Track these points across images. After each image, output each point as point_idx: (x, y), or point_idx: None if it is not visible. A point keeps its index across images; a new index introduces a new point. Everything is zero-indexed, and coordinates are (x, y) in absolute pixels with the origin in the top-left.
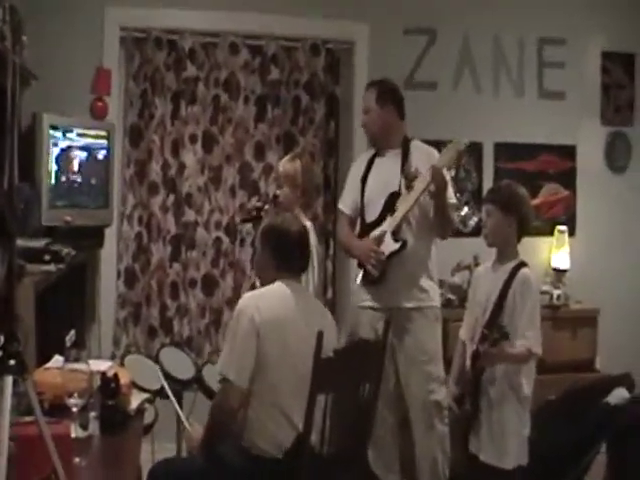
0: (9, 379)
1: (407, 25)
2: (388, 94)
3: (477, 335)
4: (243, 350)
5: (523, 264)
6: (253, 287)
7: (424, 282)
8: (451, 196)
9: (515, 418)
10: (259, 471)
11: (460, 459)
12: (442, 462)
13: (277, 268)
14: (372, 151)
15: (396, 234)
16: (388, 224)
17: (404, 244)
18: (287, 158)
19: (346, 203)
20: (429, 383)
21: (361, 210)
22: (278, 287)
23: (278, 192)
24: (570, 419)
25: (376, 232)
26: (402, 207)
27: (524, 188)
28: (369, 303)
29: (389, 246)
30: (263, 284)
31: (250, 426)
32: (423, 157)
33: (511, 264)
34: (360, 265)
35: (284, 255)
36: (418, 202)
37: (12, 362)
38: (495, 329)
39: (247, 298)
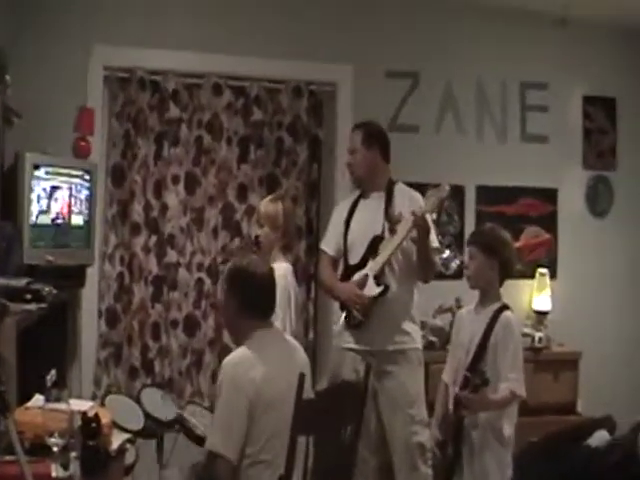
0: None
1: (390, 68)
2: (375, 136)
3: (460, 378)
4: (235, 425)
5: (505, 307)
6: (223, 351)
7: (406, 325)
8: (434, 240)
9: (497, 463)
10: None
11: None
12: None
13: (243, 313)
14: (357, 193)
15: (378, 278)
16: (370, 268)
17: (386, 288)
18: (269, 199)
19: (329, 244)
20: (412, 425)
21: (344, 252)
22: (257, 344)
23: (259, 232)
24: (552, 462)
25: (358, 275)
26: (385, 251)
27: (507, 231)
28: (351, 345)
29: (371, 290)
30: (229, 329)
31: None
32: (407, 201)
33: (493, 307)
34: (343, 308)
35: (250, 300)
36: (401, 246)
37: None
38: (477, 375)
39: (232, 369)
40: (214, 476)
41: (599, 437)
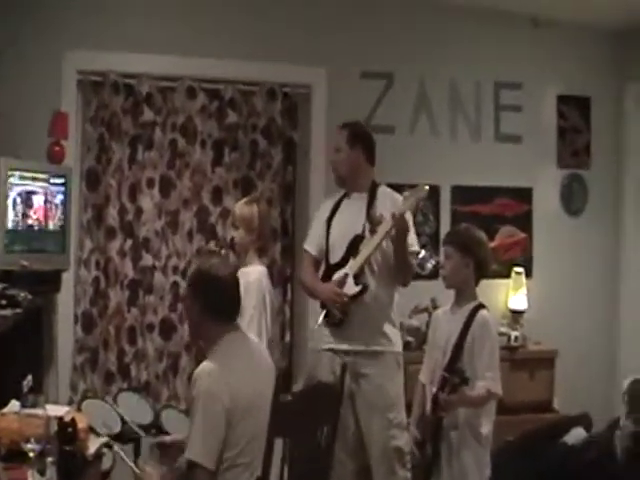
0: None
1: (364, 69)
2: (359, 137)
3: (437, 378)
4: (213, 433)
5: (481, 306)
6: (199, 353)
7: (386, 328)
8: (413, 243)
9: (476, 462)
10: None
11: None
12: None
13: (209, 317)
14: (340, 193)
15: (358, 277)
16: (350, 267)
17: (365, 288)
18: (244, 201)
19: (311, 244)
20: (390, 429)
21: (326, 251)
22: (226, 351)
23: (234, 234)
24: (528, 459)
25: (338, 275)
26: (364, 250)
27: (482, 231)
28: (330, 345)
29: (350, 289)
30: (195, 335)
31: None
32: (388, 203)
33: (469, 306)
34: (323, 306)
35: (214, 303)
36: (381, 247)
37: None
38: (456, 374)
39: (206, 378)
40: None
41: (575, 435)
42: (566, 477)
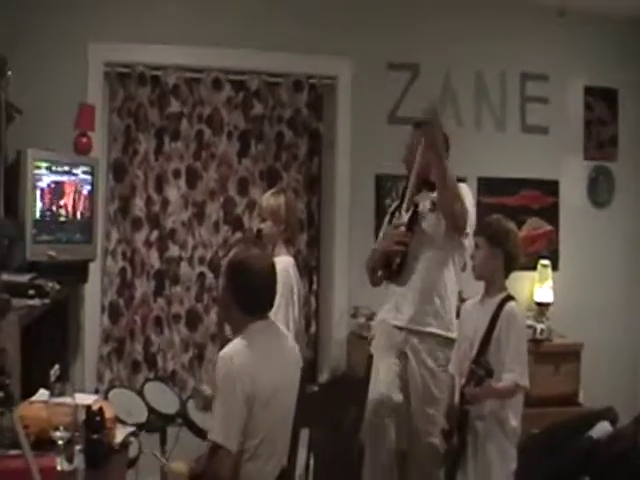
0: None
1: (390, 60)
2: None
3: (465, 370)
4: (234, 416)
5: (510, 298)
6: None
7: (438, 308)
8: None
9: (501, 454)
10: None
11: None
12: None
13: (242, 307)
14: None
15: (409, 208)
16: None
17: (415, 211)
18: (271, 192)
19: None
20: (427, 424)
21: None
22: (252, 337)
23: (262, 226)
24: (553, 453)
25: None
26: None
27: (513, 223)
28: (389, 320)
29: (405, 218)
30: (227, 322)
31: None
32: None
33: (498, 298)
34: (384, 262)
35: (248, 294)
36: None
37: None
38: (481, 366)
39: (228, 362)
40: (216, 468)
41: (601, 428)
42: (591, 471)
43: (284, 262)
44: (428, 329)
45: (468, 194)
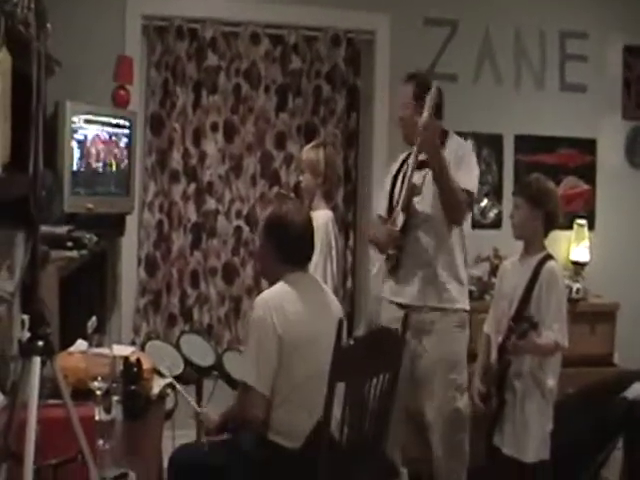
0: (37, 360)
1: (428, 15)
2: (426, 91)
3: (503, 328)
4: (266, 359)
5: (549, 257)
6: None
7: (447, 281)
8: (466, 182)
9: (538, 414)
10: (279, 461)
11: (484, 452)
12: (457, 471)
13: (280, 261)
14: (404, 154)
15: (404, 208)
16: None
17: (409, 213)
18: (310, 146)
19: (379, 206)
20: (450, 390)
21: (390, 209)
22: (291, 283)
23: (300, 178)
24: (587, 413)
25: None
26: (406, 180)
27: (552, 183)
28: (392, 298)
29: (400, 220)
30: (265, 276)
31: (272, 424)
32: (454, 146)
33: (537, 257)
34: (386, 258)
35: (287, 248)
36: (431, 190)
37: (40, 343)
38: (524, 320)
39: (263, 304)
40: (247, 409)
41: (636, 389)
42: (626, 432)
43: (323, 216)
44: (436, 304)
45: (470, 154)
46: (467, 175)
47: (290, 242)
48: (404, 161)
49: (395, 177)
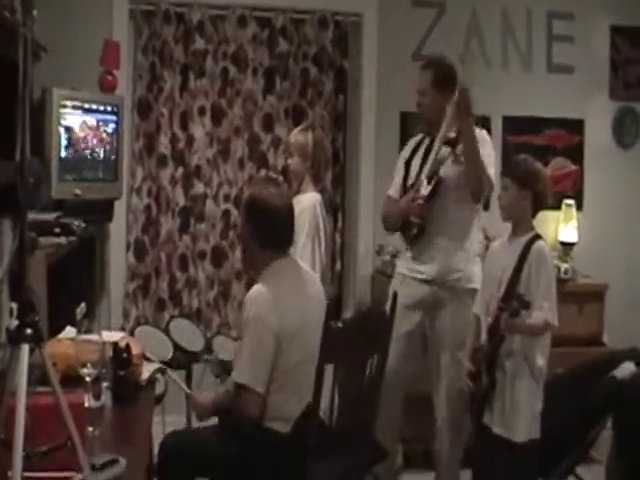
0: (26, 347)
1: None
2: (446, 78)
3: (492, 309)
4: (262, 357)
5: (538, 237)
6: (249, 281)
7: (466, 259)
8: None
9: (528, 393)
10: (270, 445)
11: (474, 431)
12: (458, 451)
13: (259, 245)
14: (419, 137)
15: (432, 177)
16: (423, 172)
17: (438, 181)
18: (299, 129)
19: (394, 189)
20: (457, 368)
21: (403, 190)
22: (275, 276)
23: (289, 161)
24: (576, 393)
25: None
26: (432, 154)
27: (540, 163)
28: (408, 273)
29: (425, 189)
30: (248, 263)
31: (267, 411)
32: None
33: (526, 237)
34: (402, 227)
35: (266, 231)
36: (453, 165)
37: (29, 331)
38: (515, 299)
39: (257, 301)
40: (243, 408)
41: (625, 369)
42: (615, 411)
43: (311, 199)
44: (454, 281)
45: (488, 141)
46: (486, 160)
47: (269, 225)
48: (418, 145)
49: (408, 162)
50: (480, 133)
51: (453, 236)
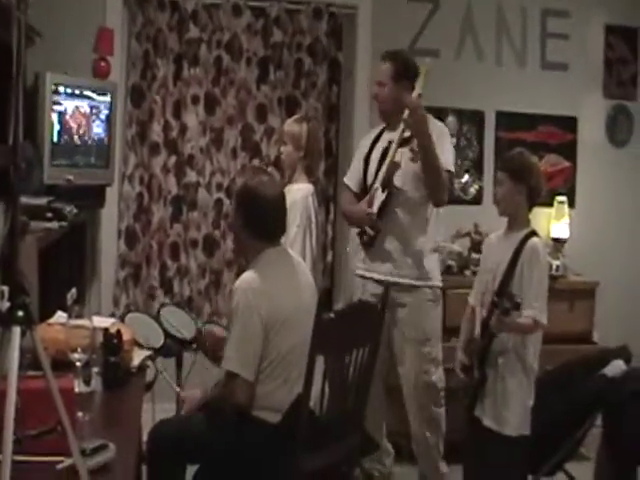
0: (17, 330)
1: None
2: (404, 71)
3: (487, 301)
4: (251, 345)
5: (534, 233)
6: (240, 270)
7: (422, 257)
8: (447, 162)
9: (519, 389)
10: (259, 435)
11: (466, 423)
12: (434, 443)
13: (250, 234)
14: (379, 127)
15: (385, 186)
16: (378, 179)
17: (389, 195)
18: (294, 118)
19: (352, 180)
20: (423, 364)
21: (364, 186)
22: (265, 265)
23: (282, 150)
24: (566, 390)
25: (370, 194)
26: (388, 158)
27: (535, 157)
28: (365, 273)
29: (379, 199)
30: (239, 253)
31: (254, 399)
32: (432, 129)
33: (522, 233)
34: (358, 230)
35: (257, 221)
36: (410, 168)
37: (20, 313)
38: (506, 298)
39: (246, 289)
40: (233, 395)
41: (615, 367)
42: (604, 408)
43: (303, 189)
44: (408, 281)
45: (447, 134)
46: (445, 155)
47: (260, 215)
48: (377, 137)
49: (368, 154)
50: (439, 127)
51: (405, 239)
